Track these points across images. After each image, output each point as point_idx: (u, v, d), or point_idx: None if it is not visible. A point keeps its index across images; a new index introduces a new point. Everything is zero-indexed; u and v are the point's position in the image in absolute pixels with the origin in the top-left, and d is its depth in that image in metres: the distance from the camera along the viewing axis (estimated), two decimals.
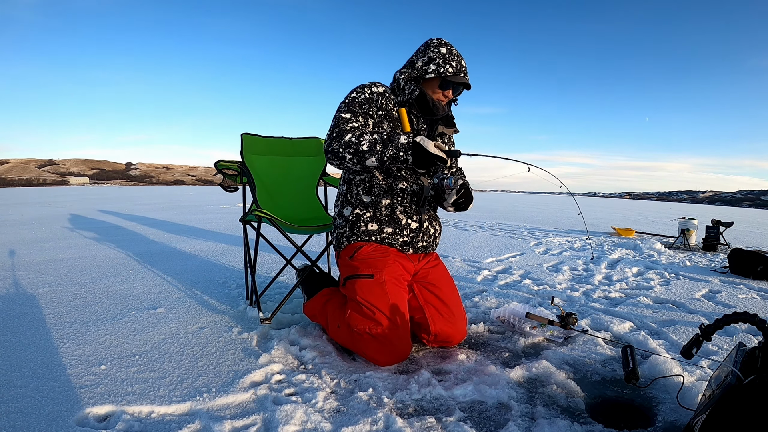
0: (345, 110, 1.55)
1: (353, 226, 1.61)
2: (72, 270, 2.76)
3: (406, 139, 1.41)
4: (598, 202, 22.87)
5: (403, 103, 1.64)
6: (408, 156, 1.41)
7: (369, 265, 1.55)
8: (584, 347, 1.67)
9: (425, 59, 1.60)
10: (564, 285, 2.73)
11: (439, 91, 1.61)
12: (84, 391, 1.23)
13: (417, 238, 1.64)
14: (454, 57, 1.60)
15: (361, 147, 1.44)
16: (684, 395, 1.25)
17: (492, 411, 1.21)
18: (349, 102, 1.57)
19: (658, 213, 13.09)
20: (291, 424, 1.09)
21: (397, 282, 1.54)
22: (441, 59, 1.58)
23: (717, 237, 4.57)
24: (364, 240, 1.59)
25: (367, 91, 1.59)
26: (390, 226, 1.60)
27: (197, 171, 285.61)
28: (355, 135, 1.46)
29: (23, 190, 20.32)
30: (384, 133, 1.46)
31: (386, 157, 1.42)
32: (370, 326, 1.46)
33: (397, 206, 1.61)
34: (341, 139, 1.47)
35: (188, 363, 1.44)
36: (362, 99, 1.57)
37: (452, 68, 1.58)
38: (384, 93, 1.60)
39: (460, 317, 1.64)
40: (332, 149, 1.49)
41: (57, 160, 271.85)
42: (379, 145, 1.42)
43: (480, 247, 4.20)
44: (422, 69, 1.59)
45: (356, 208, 1.62)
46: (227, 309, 2.02)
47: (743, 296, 2.58)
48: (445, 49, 1.60)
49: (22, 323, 1.76)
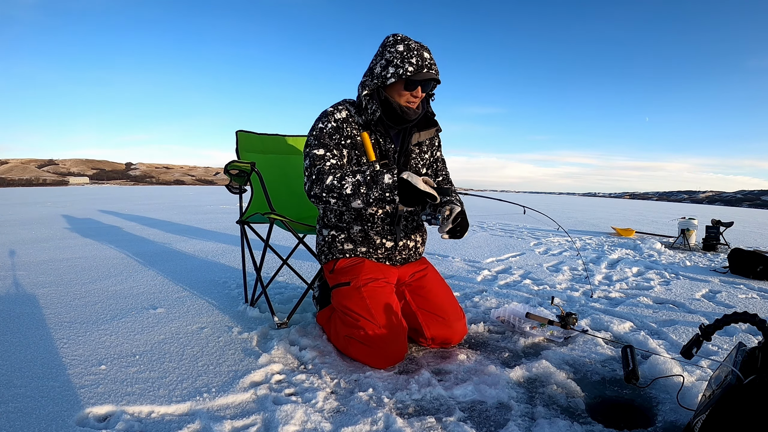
0: (316, 145, 1.48)
1: (330, 246, 1.63)
2: (72, 270, 2.76)
3: (391, 178, 1.33)
4: (598, 202, 22.86)
5: (368, 123, 1.54)
6: (394, 196, 1.33)
7: (345, 273, 1.56)
8: (584, 347, 1.67)
9: (383, 62, 1.47)
10: (564, 285, 2.73)
11: (406, 93, 1.48)
12: (84, 391, 1.23)
13: (394, 255, 1.64)
14: (413, 53, 1.44)
15: (344, 191, 1.37)
16: (684, 395, 1.25)
17: (492, 411, 1.21)
18: (317, 134, 1.50)
19: (658, 213, 13.09)
20: (291, 424, 1.09)
21: (376, 284, 1.51)
22: (399, 59, 1.44)
23: (717, 237, 4.57)
24: (340, 257, 1.61)
25: (331, 119, 1.51)
26: (364, 245, 1.61)
27: (197, 171, 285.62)
28: (336, 177, 1.39)
29: (23, 190, 20.32)
30: (366, 173, 1.37)
31: (372, 199, 1.35)
32: (354, 332, 1.45)
33: (370, 230, 1.60)
34: (323, 183, 1.40)
35: (188, 363, 1.44)
36: (330, 129, 1.50)
37: (413, 66, 1.43)
38: (347, 119, 1.52)
39: (456, 318, 1.62)
40: (315, 194, 1.43)
41: (57, 160, 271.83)
42: (363, 188, 1.35)
43: (480, 247, 4.20)
44: (381, 75, 1.46)
45: (331, 230, 1.63)
46: (227, 309, 2.02)
47: (743, 296, 2.58)
48: (402, 45, 1.45)
49: (22, 323, 1.76)
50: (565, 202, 19.57)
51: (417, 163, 1.65)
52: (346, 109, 1.55)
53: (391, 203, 1.36)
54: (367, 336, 1.42)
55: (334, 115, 1.52)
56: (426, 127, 1.63)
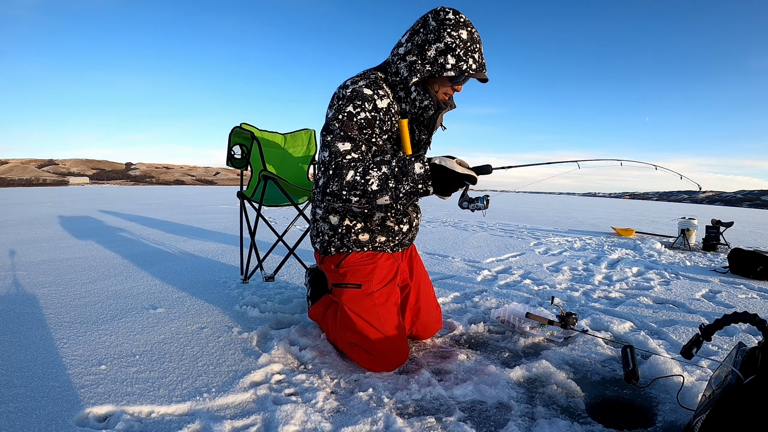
0: (341, 136, 1.25)
1: (343, 237, 1.45)
2: (72, 270, 2.76)
3: (422, 167, 1.18)
4: (598, 202, 22.86)
5: (405, 113, 1.35)
6: (428, 186, 1.19)
7: (355, 273, 1.43)
8: (584, 347, 1.67)
9: (440, 47, 1.23)
10: (564, 285, 2.73)
11: (449, 86, 1.32)
12: (84, 391, 1.23)
13: (407, 237, 1.59)
14: (476, 45, 1.25)
15: (369, 187, 1.19)
16: (684, 395, 1.25)
17: (492, 411, 1.21)
18: (344, 121, 1.25)
19: (658, 213, 13.09)
20: (291, 424, 1.10)
21: (388, 288, 1.46)
22: (462, 49, 1.22)
23: (717, 237, 4.57)
24: (355, 250, 1.46)
25: (368, 106, 1.26)
26: (383, 234, 1.49)
27: (197, 171, 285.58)
28: (358, 171, 1.21)
29: (23, 190, 20.32)
30: (393, 164, 1.20)
31: (402, 193, 1.19)
32: (360, 340, 1.41)
33: (390, 217, 1.50)
34: (342, 179, 1.21)
35: (188, 363, 1.44)
36: (362, 120, 1.26)
37: (476, 63, 1.25)
38: (389, 109, 1.30)
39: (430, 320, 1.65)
40: (332, 191, 1.23)
41: (57, 160, 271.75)
42: (392, 181, 1.18)
43: (480, 247, 4.20)
44: (437, 62, 1.25)
45: (345, 219, 1.45)
46: (227, 309, 2.02)
47: (743, 296, 2.58)
48: (465, 32, 1.23)
49: (22, 323, 1.76)
50: (565, 202, 19.57)
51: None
52: (387, 96, 1.30)
53: (424, 195, 1.21)
54: (373, 346, 1.39)
55: (374, 102, 1.27)
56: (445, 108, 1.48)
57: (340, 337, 1.51)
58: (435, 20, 1.26)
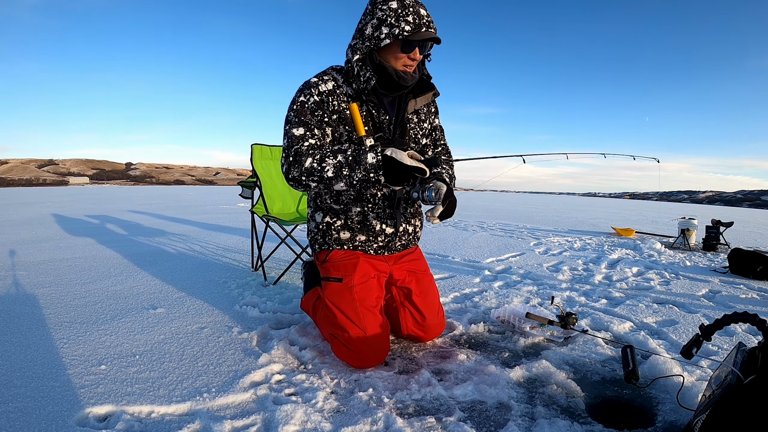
0: (296, 122, 1.35)
1: (324, 234, 1.52)
2: (72, 270, 2.76)
3: (374, 157, 1.24)
4: (598, 202, 22.86)
5: (359, 92, 1.39)
6: (379, 176, 1.24)
7: (338, 268, 1.48)
8: (584, 347, 1.67)
9: (374, 22, 1.31)
10: (564, 285, 2.73)
11: (403, 55, 1.34)
12: (84, 391, 1.23)
13: (393, 242, 1.57)
14: (408, 10, 1.29)
15: (325, 174, 1.27)
16: (684, 395, 1.25)
17: (492, 411, 1.21)
18: (298, 109, 1.36)
19: (658, 213, 13.09)
20: (291, 424, 1.10)
21: (368, 285, 1.47)
22: (393, 17, 1.28)
23: (717, 237, 4.57)
24: (335, 248, 1.52)
25: (315, 92, 1.36)
26: (363, 233, 1.50)
27: (197, 171, 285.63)
28: (315, 159, 1.29)
29: (23, 190, 20.32)
30: (348, 153, 1.27)
31: (355, 180, 1.26)
32: (338, 333, 1.43)
33: (369, 212, 1.50)
34: (301, 166, 1.29)
35: (188, 363, 1.44)
36: (312, 104, 1.36)
37: (410, 24, 1.29)
38: (333, 90, 1.38)
39: (434, 324, 1.63)
40: (293, 177, 1.32)
41: (57, 160, 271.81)
42: (345, 169, 1.25)
43: (480, 247, 4.20)
44: (374, 36, 1.31)
45: (326, 216, 1.51)
46: (227, 309, 2.02)
47: (743, 296, 2.58)
48: (395, 2, 1.29)
49: (22, 323, 1.76)
50: (565, 202, 19.57)
51: (416, 133, 1.54)
52: (332, 78, 1.40)
53: (376, 184, 1.27)
54: (350, 339, 1.40)
55: (318, 87, 1.37)
56: (422, 92, 1.48)
57: (323, 329, 1.55)
58: (370, 4, 1.36)
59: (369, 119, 1.42)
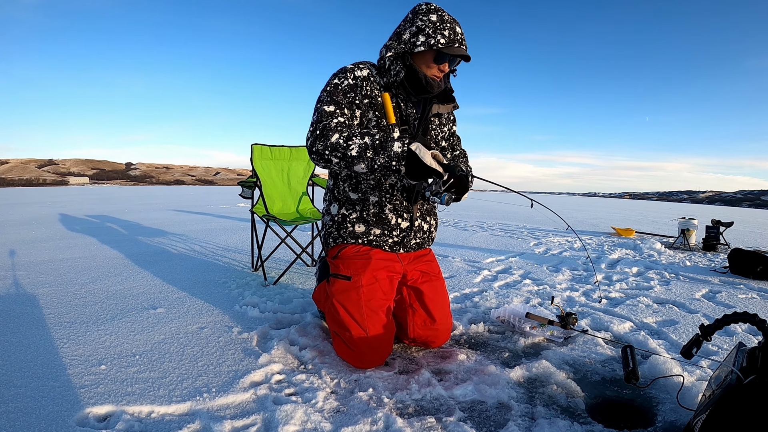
0: (327, 101, 1.39)
1: (339, 227, 1.54)
2: (72, 270, 2.76)
3: (401, 147, 1.27)
4: (598, 202, 22.86)
5: (388, 86, 1.46)
6: (401, 166, 1.27)
7: (348, 266, 1.49)
8: (584, 347, 1.67)
9: (413, 29, 1.40)
10: (564, 285, 2.73)
11: (434, 65, 1.42)
12: (84, 391, 1.23)
13: (408, 238, 1.57)
14: (446, 24, 1.39)
15: (349, 152, 1.29)
16: (684, 395, 1.25)
17: (492, 411, 1.21)
18: (331, 90, 1.41)
19: (658, 213, 13.09)
20: (291, 424, 1.10)
21: (376, 286, 1.47)
22: (431, 28, 1.38)
23: (717, 237, 4.57)
24: (350, 242, 1.52)
25: (350, 76, 1.42)
26: (378, 227, 1.51)
27: (197, 171, 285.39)
28: (342, 135, 1.31)
29: (23, 190, 20.32)
30: (376, 136, 1.30)
31: (377, 165, 1.28)
32: (341, 332, 1.44)
33: (386, 204, 1.51)
34: (327, 140, 1.31)
35: (188, 363, 1.44)
36: (346, 86, 1.41)
37: (444, 38, 1.38)
38: (368, 77, 1.44)
39: (443, 330, 1.61)
40: (317, 150, 1.34)
41: (57, 160, 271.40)
42: (370, 151, 1.28)
43: (480, 247, 4.20)
44: (410, 42, 1.40)
45: (342, 207, 1.54)
46: (227, 309, 2.02)
47: (743, 296, 2.58)
48: (435, 15, 1.39)
49: (22, 323, 1.76)
50: (565, 202, 19.56)
51: (437, 134, 1.60)
52: (367, 68, 1.47)
53: (396, 173, 1.30)
54: (351, 339, 1.41)
55: (354, 72, 1.43)
56: (445, 102, 1.56)
57: (328, 324, 1.55)
58: (411, 13, 1.45)
59: (397, 111, 1.48)
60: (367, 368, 1.44)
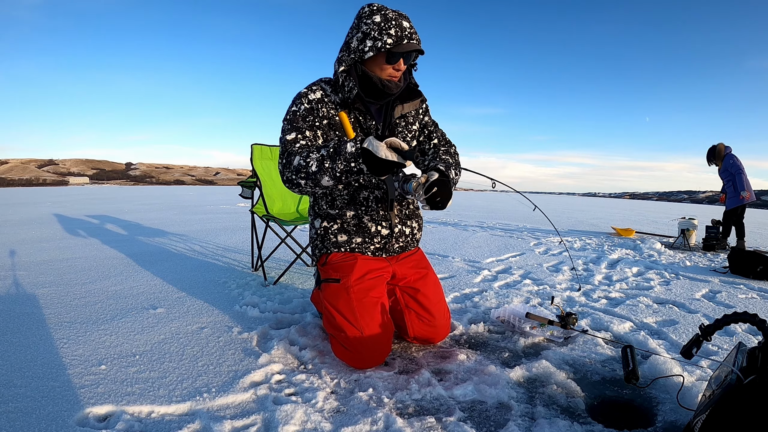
0: (288, 129, 1.43)
1: (323, 238, 1.58)
2: (72, 270, 2.76)
3: (353, 146, 1.26)
4: (598, 202, 22.86)
5: (345, 102, 1.46)
6: (360, 165, 1.26)
7: (337, 269, 1.52)
8: (584, 347, 1.67)
9: (359, 36, 1.38)
10: (564, 285, 2.73)
11: (388, 66, 1.39)
12: (84, 391, 1.23)
13: (390, 244, 1.60)
14: (391, 23, 1.35)
15: (310, 169, 1.31)
16: (684, 395, 1.25)
17: (492, 411, 1.21)
18: (290, 118, 1.44)
19: (658, 213, 13.09)
20: (291, 424, 1.10)
21: (367, 285, 1.47)
22: (376, 31, 1.35)
23: (717, 237, 4.57)
24: (333, 251, 1.56)
25: (305, 101, 1.45)
26: (359, 235, 1.55)
27: (197, 171, 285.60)
28: (302, 156, 1.33)
29: (23, 190, 20.32)
30: (329, 146, 1.30)
31: (338, 172, 1.28)
32: (336, 333, 1.44)
33: (363, 215, 1.54)
34: (291, 165, 1.35)
35: (188, 363, 1.44)
36: (303, 111, 1.44)
37: (392, 38, 1.34)
38: (322, 99, 1.46)
39: (442, 324, 1.63)
40: (287, 178, 1.38)
41: (57, 160, 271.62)
42: (327, 161, 1.28)
43: (480, 247, 4.20)
44: (359, 49, 1.38)
45: (324, 221, 1.58)
46: (227, 309, 2.02)
47: (743, 296, 2.58)
48: (378, 16, 1.36)
49: (22, 323, 1.76)
50: (565, 202, 19.56)
51: (405, 136, 1.58)
52: (320, 89, 1.48)
53: (359, 173, 1.29)
54: (347, 339, 1.41)
55: (307, 97, 1.45)
56: (409, 99, 1.54)
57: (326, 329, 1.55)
58: (356, 18, 1.43)
59: (357, 126, 1.49)
60: (366, 368, 1.44)
